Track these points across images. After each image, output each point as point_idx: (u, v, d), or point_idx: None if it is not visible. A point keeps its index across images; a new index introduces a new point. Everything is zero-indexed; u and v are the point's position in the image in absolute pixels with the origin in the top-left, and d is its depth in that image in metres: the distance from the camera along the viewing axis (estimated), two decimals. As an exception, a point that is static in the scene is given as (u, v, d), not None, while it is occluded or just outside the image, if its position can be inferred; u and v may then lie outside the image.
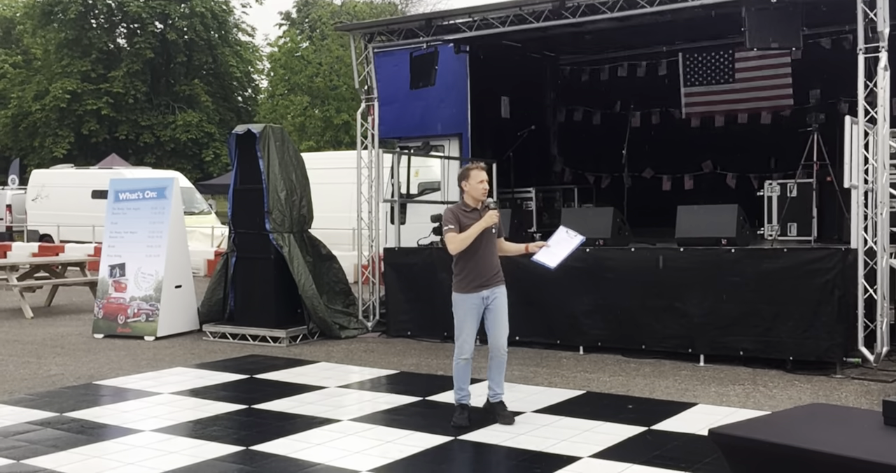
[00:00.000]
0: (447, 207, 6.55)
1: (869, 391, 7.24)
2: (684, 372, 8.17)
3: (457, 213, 6.31)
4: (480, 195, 6.29)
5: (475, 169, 6.36)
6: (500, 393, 6.47)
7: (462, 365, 6.37)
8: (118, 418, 6.71)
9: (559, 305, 9.32)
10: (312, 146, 34.38)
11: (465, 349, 6.32)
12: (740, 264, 8.38)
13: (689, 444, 5.77)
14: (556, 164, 14.03)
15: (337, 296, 11.00)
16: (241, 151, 10.56)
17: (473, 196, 6.31)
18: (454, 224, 6.22)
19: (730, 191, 12.36)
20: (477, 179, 6.28)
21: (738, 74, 12.45)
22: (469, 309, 6.29)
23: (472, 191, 6.29)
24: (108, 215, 11.53)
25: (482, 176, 6.31)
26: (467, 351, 6.32)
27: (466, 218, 6.28)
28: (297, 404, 7.11)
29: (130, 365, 8.95)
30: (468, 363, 6.37)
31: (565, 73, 14.02)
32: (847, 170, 7.95)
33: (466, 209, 6.34)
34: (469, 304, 6.29)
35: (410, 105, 12.21)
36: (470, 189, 6.31)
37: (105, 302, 11.08)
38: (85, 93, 36.75)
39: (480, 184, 6.27)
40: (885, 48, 7.94)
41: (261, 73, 44.70)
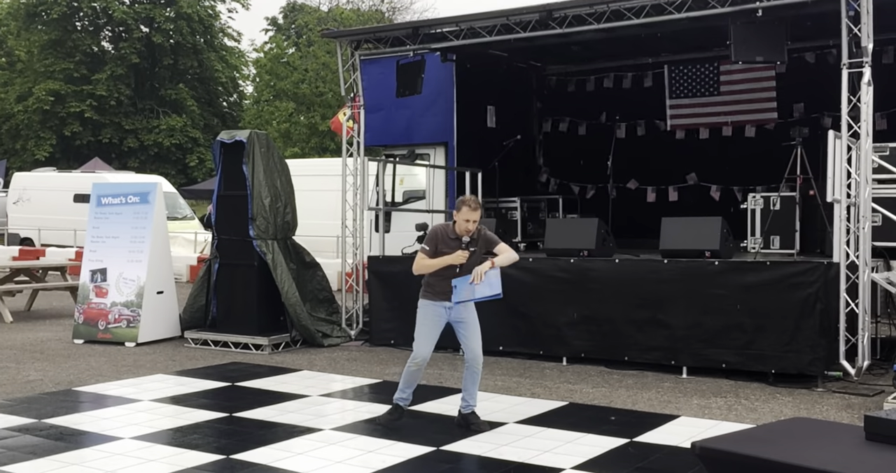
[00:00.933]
0: (438, 224, 6.60)
1: (850, 405, 7.27)
2: (667, 384, 8.18)
3: (439, 236, 6.36)
4: (464, 232, 6.32)
5: (468, 205, 6.30)
6: (472, 404, 6.51)
7: (413, 370, 6.46)
8: (97, 425, 6.64)
9: (543, 316, 9.32)
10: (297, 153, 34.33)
11: (419, 354, 6.40)
12: (723, 277, 8.41)
13: (671, 457, 5.77)
14: (542, 174, 14.06)
15: (320, 304, 10.96)
16: (226, 157, 10.52)
17: (458, 229, 6.34)
18: (430, 246, 6.32)
19: (714, 204, 12.42)
20: (464, 217, 6.28)
21: (723, 87, 12.54)
22: (431, 316, 6.38)
23: (459, 224, 6.34)
24: (90, 219, 11.45)
25: (471, 216, 6.27)
26: (419, 356, 6.39)
27: (445, 244, 6.33)
28: (278, 412, 7.06)
29: (111, 372, 8.87)
30: (420, 369, 6.45)
31: (551, 84, 14.06)
32: (830, 185, 8.00)
33: (451, 236, 6.37)
34: (432, 311, 6.38)
35: (396, 113, 12.22)
36: (458, 221, 6.34)
37: (86, 307, 11.00)
38: (68, 95, 36.57)
39: (465, 223, 6.29)
40: (868, 63, 8.01)
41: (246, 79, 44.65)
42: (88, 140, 37.39)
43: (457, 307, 6.35)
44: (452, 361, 9.43)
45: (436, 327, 6.39)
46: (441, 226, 6.53)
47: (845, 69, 8.12)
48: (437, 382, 8.35)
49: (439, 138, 12.40)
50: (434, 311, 6.37)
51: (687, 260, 8.65)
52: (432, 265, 6.30)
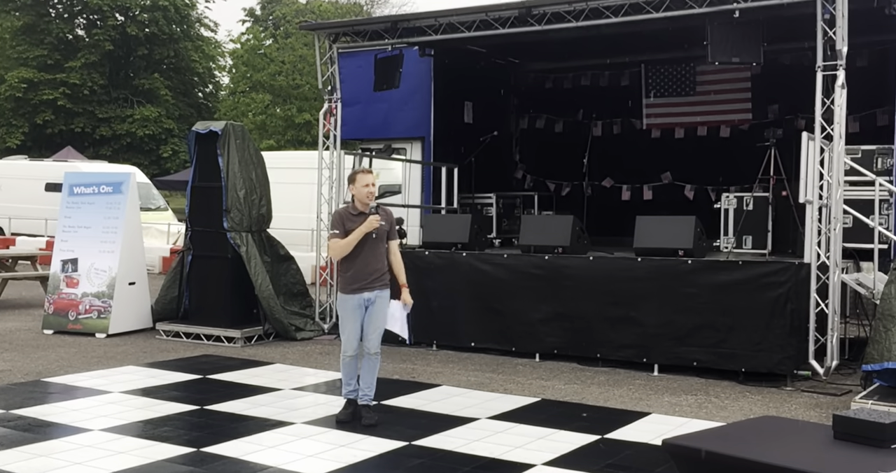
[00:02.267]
0: (336, 210, 6.63)
1: (818, 404, 7.35)
2: (638, 382, 8.23)
3: (343, 217, 6.43)
4: (365, 198, 6.39)
5: (362, 173, 6.49)
6: (367, 393, 6.54)
7: (346, 362, 6.52)
8: (66, 416, 6.58)
9: (516, 312, 9.35)
10: (273, 145, 34.15)
11: (348, 347, 6.47)
12: (696, 275, 8.47)
13: (642, 453, 5.81)
14: (518, 171, 14.09)
15: (294, 298, 10.92)
16: (201, 148, 10.44)
17: (359, 199, 6.42)
18: (339, 229, 6.36)
19: (688, 203, 12.51)
20: (362, 183, 6.39)
21: (699, 87, 12.62)
22: (350, 310, 6.43)
23: (358, 194, 6.41)
24: (61, 209, 11.33)
25: (368, 179, 6.43)
26: (349, 349, 6.47)
27: (351, 222, 6.38)
28: (250, 406, 7.03)
29: (80, 363, 8.79)
30: (353, 360, 6.50)
31: (529, 80, 14.09)
32: (802, 186, 8.07)
33: (353, 212, 6.44)
34: (350, 305, 6.43)
35: (373, 107, 12.19)
36: (356, 192, 6.42)
37: (56, 297, 10.88)
38: (41, 83, 36.10)
39: (365, 189, 6.39)
40: (843, 66, 8.08)
41: (223, 70, 44.28)
42: (61, 128, 36.93)
43: (373, 298, 6.40)
44: (425, 356, 9.44)
45: (357, 319, 6.45)
46: (339, 209, 6.64)
47: (820, 72, 8.19)
48: (409, 377, 8.36)
49: (416, 133, 12.39)
50: (353, 304, 6.42)
51: (660, 258, 8.70)
52: (350, 242, 6.31)
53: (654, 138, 13.21)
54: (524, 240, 9.66)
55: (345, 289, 6.46)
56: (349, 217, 6.41)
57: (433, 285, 9.75)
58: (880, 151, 9.30)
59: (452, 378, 8.32)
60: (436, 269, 9.82)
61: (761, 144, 9.75)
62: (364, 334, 6.48)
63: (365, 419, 6.45)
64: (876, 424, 2.97)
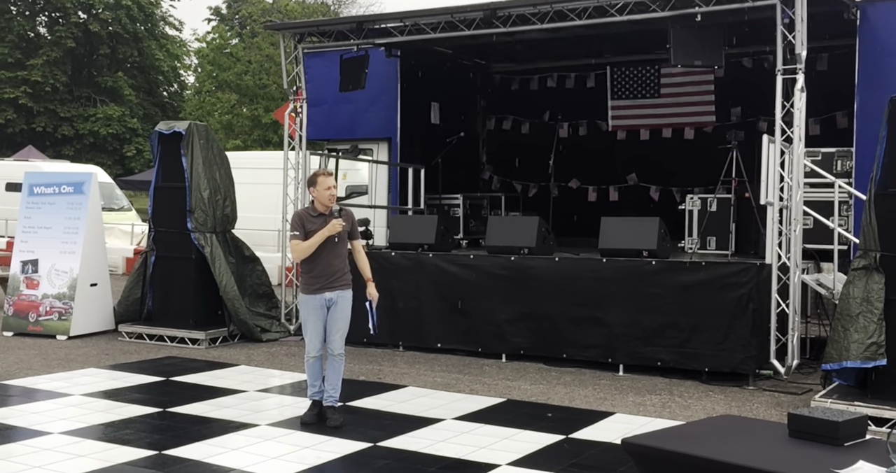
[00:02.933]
0: (295, 211, 6.68)
1: (779, 403, 7.45)
2: (604, 382, 8.29)
3: (303, 218, 6.43)
4: (327, 201, 6.41)
5: (322, 175, 6.49)
6: (332, 395, 6.53)
7: (311, 363, 6.53)
8: (26, 419, 6.49)
9: (483, 313, 9.37)
10: (240, 145, 33.93)
11: (311, 348, 6.49)
12: (660, 276, 8.55)
13: (606, 453, 5.86)
14: (485, 172, 14.12)
15: (259, 299, 10.86)
16: (164, 148, 10.35)
17: (321, 202, 6.43)
18: (299, 230, 6.37)
19: (653, 204, 12.62)
20: (324, 186, 6.40)
21: (663, 89, 12.73)
22: (312, 310, 6.44)
23: (320, 197, 6.42)
24: (21, 209, 11.17)
25: (329, 182, 6.43)
26: (313, 350, 6.48)
27: (312, 223, 6.39)
28: (213, 407, 6.99)
29: (41, 365, 8.68)
30: (317, 361, 6.51)
31: (495, 82, 14.13)
32: (763, 188, 8.18)
33: (313, 213, 6.46)
34: (312, 305, 6.43)
35: (339, 107, 12.17)
36: (317, 195, 6.43)
37: (16, 298, 10.73)
38: (2, 82, 35.57)
39: (327, 191, 6.40)
40: (802, 70, 8.20)
41: (188, 69, 43.90)
42: (22, 127, 36.40)
43: (335, 298, 6.42)
44: (392, 357, 9.43)
45: (320, 320, 6.45)
46: (299, 210, 6.66)
47: (780, 75, 8.30)
48: (375, 378, 8.35)
49: (383, 134, 12.38)
50: (314, 304, 6.43)
51: (625, 259, 8.77)
52: (312, 244, 6.31)
53: (619, 140, 13.30)
54: (490, 241, 9.69)
55: (306, 290, 6.45)
56: (309, 218, 6.41)
57: (399, 286, 9.75)
58: (840, 154, 9.45)
59: (419, 379, 8.32)
60: (402, 270, 9.81)
61: (723, 146, 9.86)
62: (327, 335, 6.47)
63: (330, 420, 6.44)
64: (830, 423, 3.03)
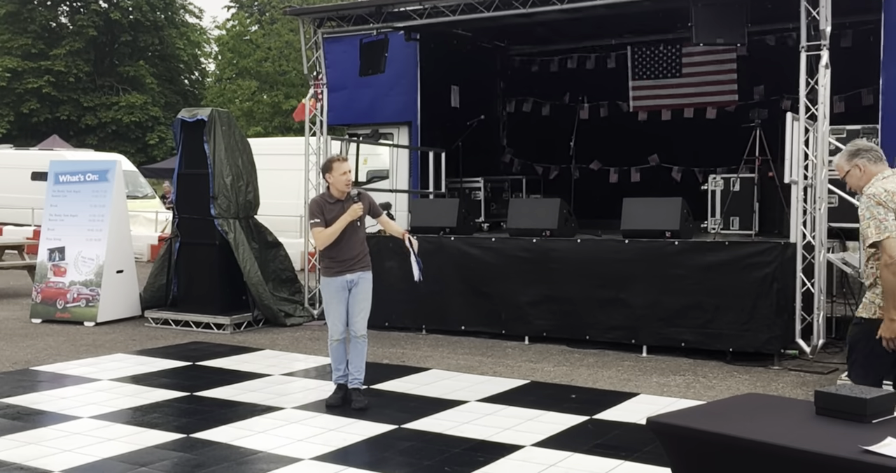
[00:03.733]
0: (312, 199, 6.67)
1: (805, 382, 7.42)
2: (627, 363, 8.28)
3: (321, 205, 6.46)
4: (344, 186, 6.44)
5: (338, 161, 6.51)
6: (357, 377, 6.57)
7: (334, 347, 6.55)
8: (56, 404, 6.58)
9: (505, 295, 9.37)
10: (260, 131, 34.04)
11: (334, 331, 6.50)
12: (683, 256, 8.51)
13: (630, 433, 5.86)
14: (505, 155, 14.09)
15: (283, 284, 10.92)
16: (187, 135, 10.40)
17: (338, 188, 6.45)
18: (319, 217, 6.38)
19: (675, 185, 12.53)
20: (340, 171, 6.43)
21: (685, 69, 12.62)
22: (334, 293, 6.46)
23: (336, 183, 6.44)
24: (47, 197, 11.28)
25: (344, 167, 6.47)
26: (336, 333, 6.49)
27: (330, 210, 6.42)
28: (239, 391, 7.05)
29: (69, 351, 8.79)
30: (340, 344, 6.53)
31: (515, 64, 14.06)
32: (787, 166, 8.11)
33: (330, 200, 6.49)
34: (333, 288, 6.45)
35: (360, 92, 12.15)
36: (334, 181, 6.45)
37: (44, 286, 10.86)
38: (26, 72, 35.86)
39: (343, 177, 6.43)
40: (826, 46, 8.10)
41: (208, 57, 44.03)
42: (46, 117, 36.72)
43: (356, 280, 6.45)
44: (415, 340, 9.47)
45: (342, 303, 6.48)
46: (315, 198, 6.65)
47: (803, 52, 8.21)
48: (399, 361, 8.38)
49: (403, 118, 12.36)
50: (336, 287, 6.45)
51: (647, 240, 8.73)
52: (335, 231, 6.35)
53: (640, 120, 13.21)
54: (512, 224, 9.68)
55: (327, 273, 6.48)
56: (326, 205, 6.44)
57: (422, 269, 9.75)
58: (865, 131, 9.32)
59: (442, 361, 8.35)
60: (424, 254, 9.76)
61: (747, 125, 9.77)
62: (349, 317, 6.50)
63: (355, 402, 6.48)
64: (857, 399, 3.00)
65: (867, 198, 4.53)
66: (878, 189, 4.54)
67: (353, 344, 6.53)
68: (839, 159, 4.83)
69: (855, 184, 4.75)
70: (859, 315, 4.67)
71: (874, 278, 4.57)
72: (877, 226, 4.43)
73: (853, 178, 4.75)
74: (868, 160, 4.70)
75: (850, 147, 4.82)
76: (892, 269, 4.34)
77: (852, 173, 4.74)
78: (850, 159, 4.75)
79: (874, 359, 4.53)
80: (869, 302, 4.61)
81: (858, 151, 4.74)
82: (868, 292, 4.66)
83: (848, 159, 4.76)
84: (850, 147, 4.82)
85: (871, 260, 4.61)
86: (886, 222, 4.42)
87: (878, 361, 4.52)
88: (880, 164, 4.71)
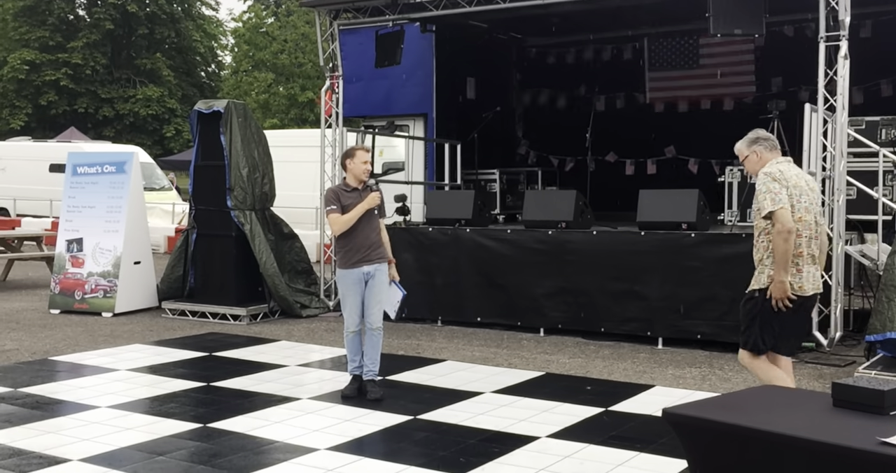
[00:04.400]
0: (329, 188, 6.66)
1: (822, 375, 7.38)
2: (642, 355, 8.27)
3: (338, 193, 6.49)
4: (362, 174, 6.50)
5: (361, 149, 6.60)
6: (372, 369, 6.60)
7: (350, 338, 6.57)
8: (74, 394, 6.63)
9: (520, 287, 9.36)
10: (277, 124, 34.13)
11: (350, 323, 6.52)
12: (699, 248, 8.47)
13: (645, 425, 5.85)
14: (521, 147, 14.06)
15: (298, 275, 10.96)
16: (203, 127, 10.44)
17: (356, 175, 6.50)
18: (335, 204, 6.42)
19: (692, 177, 12.47)
20: (361, 159, 6.50)
21: (702, 60, 12.55)
22: (350, 285, 6.48)
23: (355, 170, 6.49)
24: (65, 189, 11.35)
25: (366, 157, 6.54)
26: (352, 325, 6.52)
27: (347, 198, 6.45)
28: (256, 382, 7.08)
29: (87, 341, 8.85)
30: (356, 336, 6.56)
31: (531, 56, 14.02)
32: (805, 158, 8.06)
33: (347, 188, 6.52)
34: (350, 280, 6.48)
35: (375, 84, 12.16)
36: (353, 167, 6.50)
37: (62, 277, 10.94)
38: (44, 64, 36.09)
39: (364, 165, 6.50)
40: (845, 37, 8.03)
41: (225, 49, 44.15)
42: (64, 109, 36.96)
43: (372, 272, 6.47)
44: (430, 332, 9.48)
45: (358, 294, 6.50)
46: (332, 187, 6.66)
47: (822, 42, 8.14)
48: (414, 352, 8.40)
49: (419, 109, 12.36)
50: (352, 279, 6.47)
51: (663, 232, 8.70)
52: (352, 218, 6.38)
53: (657, 112, 13.16)
54: (527, 216, 9.66)
55: (344, 264, 6.51)
56: (343, 193, 6.48)
57: (437, 261, 9.78)
58: (884, 122, 9.26)
59: (457, 353, 8.36)
60: (440, 246, 9.84)
61: (764, 117, 9.71)
62: (365, 309, 6.51)
63: (370, 393, 6.50)
64: (875, 391, 2.99)
65: (764, 176, 5.08)
66: (773, 168, 5.12)
67: (368, 336, 6.55)
68: (741, 144, 5.38)
69: (752, 167, 5.32)
70: (751, 289, 5.18)
71: (766, 252, 5.11)
72: (772, 199, 4.97)
73: (750, 163, 5.31)
74: (765, 148, 5.28)
75: (751, 135, 5.38)
76: (783, 236, 4.91)
77: (750, 158, 5.30)
78: (749, 145, 5.32)
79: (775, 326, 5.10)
80: (759, 274, 5.15)
81: (758, 139, 5.32)
82: (759, 266, 5.17)
83: (748, 145, 5.33)
84: (751, 135, 5.38)
85: (763, 234, 5.15)
86: (780, 195, 4.97)
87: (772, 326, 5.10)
88: (774, 152, 5.29)
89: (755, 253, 5.24)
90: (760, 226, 5.14)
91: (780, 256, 4.93)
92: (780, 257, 4.93)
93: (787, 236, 4.89)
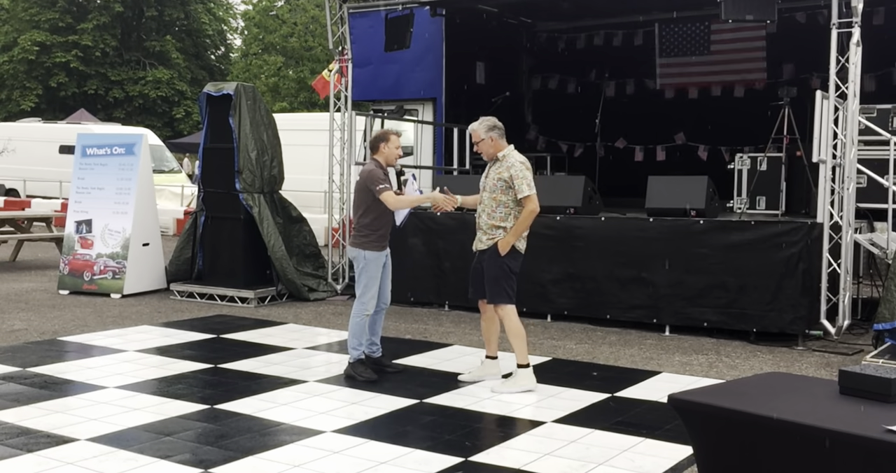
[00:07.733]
0: (366, 168, 6.68)
1: (829, 363, 7.37)
2: (649, 342, 8.26)
3: (382, 174, 6.59)
4: (394, 160, 6.71)
5: (393, 134, 6.76)
6: (380, 346, 6.85)
7: (367, 321, 6.65)
8: (82, 374, 6.67)
9: (527, 273, 9.28)
10: (286, 107, 34.08)
11: (372, 305, 6.62)
12: (708, 236, 8.45)
13: (651, 411, 5.86)
14: (530, 132, 14.02)
15: (306, 259, 10.98)
16: (212, 110, 10.43)
17: (388, 159, 6.66)
18: (386, 183, 6.54)
19: (701, 164, 12.44)
20: (395, 144, 6.68)
21: (713, 46, 12.47)
22: (379, 267, 6.65)
23: (389, 155, 6.66)
24: (75, 170, 11.38)
25: (399, 142, 6.74)
26: (373, 307, 6.63)
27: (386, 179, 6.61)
28: (263, 364, 7.11)
29: (96, 322, 8.89)
30: (369, 317, 6.66)
31: (541, 41, 13.96)
32: (816, 145, 8.01)
33: (382, 169, 6.66)
34: (379, 263, 6.65)
35: (385, 67, 12.13)
36: (388, 151, 6.65)
37: (71, 258, 10.98)
38: (54, 46, 36.09)
39: (397, 150, 6.70)
40: (858, 24, 7.97)
41: (234, 32, 44.07)
42: (74, 91, 36.98)
43: (388, 253, 6.74)
44: (437, 316, 9.50)
45: (382, 276, 6.71)
46: (370, 168, 6.62)
47: (834, 29, 8.08)
48: (421, 337, 8.42)
49: (428, 94, 12.33)
50: (383, 261, 6.68)
51: (672, 218, 8.67)
52: (414, 202, 6.72)
53: (667, 98, 13.10)
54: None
55: (375, 247, 6.62)
56: (384, 174, 6.62)
57: (445, 246, 9.78)
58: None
59: (464, 337, 8.37)
60: (448, 230, 9.83)
61: (775, 104, 9.66)
62: (382, 290, 6.71)
63: (391, 367, 6.78)
64: (882, 379, 2.98)
65: (520, 164, 6.14)
66: (521, 157, 6.19)
67: (379, 315, 6.73)
68: (478, 127, 6.21)
69: (486, 150, 6.22)
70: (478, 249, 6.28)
71: (500, 221, 6.15)
72: (528, 184, 6.10)
73: (485, 146, 6.21)
74: (498, 135, 6.21)
75: (487, 121, 6.21)
76: (534, 216, 6.14)
77: (486, 142, 6.19)
78: (487, 131, 6.19)
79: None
80: (487, 239, 6.20)
81: (494, 127, 6.20)
82: (486, 234, 6.21)
83: (486, 131, 6.19)
84: (487, 121, 6.21)
85: (503, 207, 6.16)
86: (532, 182, 6.12)
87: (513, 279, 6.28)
88: (503, 140, 6.24)
89: (489, 220, 6.18)
90: (500, 199, 6.14)
91: (520, 229, 6.15)
92: (520, 230, 6.15)
93: (533, 215, 6.12)
